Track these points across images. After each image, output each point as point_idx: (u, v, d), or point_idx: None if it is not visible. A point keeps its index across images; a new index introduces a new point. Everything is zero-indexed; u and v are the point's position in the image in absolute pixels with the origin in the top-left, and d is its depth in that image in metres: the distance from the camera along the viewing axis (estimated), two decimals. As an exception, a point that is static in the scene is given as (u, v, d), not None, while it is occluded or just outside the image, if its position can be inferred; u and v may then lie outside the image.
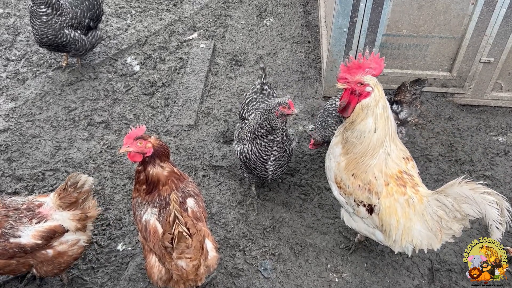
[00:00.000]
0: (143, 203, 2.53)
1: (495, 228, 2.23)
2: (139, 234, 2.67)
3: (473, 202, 2.27)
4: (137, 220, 2.59)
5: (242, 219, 3.42)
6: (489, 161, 3.79)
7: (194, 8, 5.46)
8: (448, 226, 2.44)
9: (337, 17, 3.82)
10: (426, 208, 2.47)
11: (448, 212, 2.40)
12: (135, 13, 5.36)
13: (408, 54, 4.01)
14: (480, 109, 4.24)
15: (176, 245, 2.19)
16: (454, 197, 2.34)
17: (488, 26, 3.73)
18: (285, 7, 5.51)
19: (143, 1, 5.54)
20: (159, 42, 4.98)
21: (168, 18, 5.30)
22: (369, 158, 2.53)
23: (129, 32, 5.08)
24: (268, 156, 3.05)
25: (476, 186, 2.28)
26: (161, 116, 4.20)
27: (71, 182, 2.60)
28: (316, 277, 3.07)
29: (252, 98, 3.36)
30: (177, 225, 2.12)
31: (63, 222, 2.61)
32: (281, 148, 3.04)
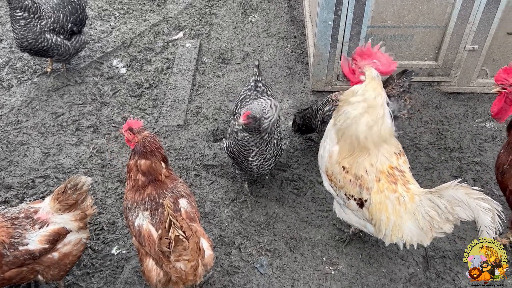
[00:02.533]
0: (133, 206, 2.53)
1: (485, 232, 2.26)
2: (133, 238, 2.67)
3: (467, 207, 2.29)
4: (129, 225, 2.60)
5: (236, 216, 3.42)
6: (478, 147, 3.83)
7: (178, 7, 5.43)
8: (440, 226, 2.46)
9: (321, 11, 3.83)
10: (417, 207, 2.48)
11: (440, 213, 2.41)
12: (119, 15, 5.31)
13: (394, 45, 4.03)
14: (467, 96, 4.28)
15: (173, 249, 2.20)
16: (448, 199, 2.36)
17: (471, 14, 3.76)
18: (269, 3, 5.51)
19: (126, 2, 5.49)
20: (144, 43, 4.94)
21: (153, 19, 5.26)
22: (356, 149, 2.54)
23: (113, 34, 5.04)
24: (247, 151, 3.06)
25: (471, 191, 2.30)
26: (149, 117, 4.18)
27: (71, 185, 2.63)
28: (312, 271, 3.09)
29: (246, 95, 3.37)
30: (173, 229, 2.13)
31: (65, 224, 2.65)
32: (260, 143, 3.04)
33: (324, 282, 3.03)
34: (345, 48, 4.02)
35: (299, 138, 3.98)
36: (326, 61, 4.14)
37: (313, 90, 4.38)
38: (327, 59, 4.13)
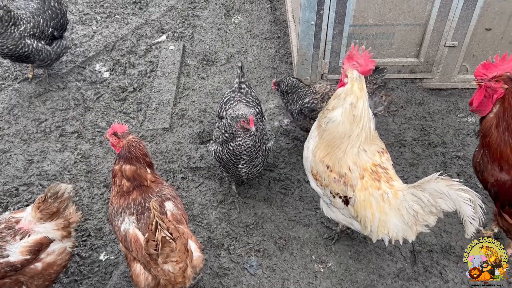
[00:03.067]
0: (119, 211, 2.51)
1: (469, 223, 2.30)
2: (120, 244, 2.64)
3: (448, 199, 2.33)
4: (115, 231, 2.57)
5: (225, 218, 3.41)
6: (461, 142, 3.89)
7: (161, 10, 5.40)
8: (424, 219, 2.49)
9: (304, 11, 3.85)
10: (401, 202, 2.51)
11: (424, 206, 2.45)
12: (100, 19, 5.26)
13: (376, 43, 4.08)
14: (449, 92, 4.35)
15: (161, 251, 2.19)
16: (430, 192, 2.40)
17: (450, 11, 3.82)
18: (252, 4, 5.52)
19: (108, 6, 5.45)
20: (127, 47, 4.91)
21: (135, 22, 5.23)
22: (336, 149, 2.59)
23: (95, 38, 4.99)
24: (238, 159, 3.07)
25: (452, 183, 2.34)
26: (134, 121, 4.15)
27: (51, 193, 2.58)
28: (302, 269, 3.10)
29: (230, 97, 3.37)
30: (160, 230, 2.12)
31: (47, 234, 2.59)
32: (251, 151, 3.07)
33: (314, 280, 3.04)
34: (328, 48, 4.05)
35: (285, 138, 4.00)
36: (309, 60, 4.16)
37: (297, 89, 4.39)
38: (310, 59, 4.15)
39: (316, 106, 3.40)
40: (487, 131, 2.61)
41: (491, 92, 2.54)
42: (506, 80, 2.48)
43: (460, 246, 3.19)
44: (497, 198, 2.74)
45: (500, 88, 2.50)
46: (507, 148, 2.55)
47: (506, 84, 2.48)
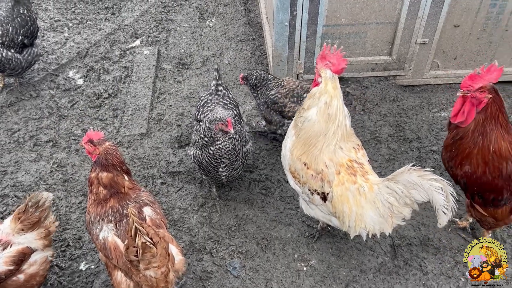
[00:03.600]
0: (97, 220, 2.48)
1: (441, 212, 2.35)
2: (99, 253, 2.61)
3: (421, 189, 2.38)
4: (94, 239, 2.54)
5: (206, 221, 3.40)
6: (435, 136, 3.99)
7: (134, 15, 5.36)
8: (399, 211, 2.54)
9: (277, 12, 3.88)
10: (377, 195, 2.56)
11: (398, 198, 2.50)
12: (72, 26, 5.19)
13: (349, 42, 4.14)
14: (422, 88, 4.45)
15: (142, 257, 2.16)
16: (403, 184, 2.45)
17: (420, 9, 3.91)
18: (226, 7, 5.53)
19: (79, 12, 5.37)
20: (100, 53, 4.84)
21: (108, 28, 5.17)
22: (312, 148, 2.62)
23: (68, 45, 4.91)
24: (218, 163, 3.07)
25: (424, 173, 2.39)
26: (111, 128, 4.10)
27: (33, 202, 2.54)
28: (285, 269, 3.12)
29: (207, 100, 3.36)
30: (140, 236, 2.10)
31: (29, 244, 2.56)
32: (232, 155, 3.07)
33: (297, 279, 3.06)
34: (302, 48, 4.09)
35: (264, 139, 4.01)
36: (285, 61, 4.20)
37: (274, 90, 4.42)
38: (286, 60, 4.19)
39: (279, 100, 3.51)
40: (465, 134, 2.71)
41: (475, 102, 2.63)
42: (491, 90, 2.59)
43: (438, 238, 3.26)
44: (467, 189, 2.83)
45: (484, 97, 2.59)
46: (475, 149, 2.68)
47: (490, 93, 2.59)
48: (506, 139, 2.62)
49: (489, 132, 2.62)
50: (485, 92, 2.59)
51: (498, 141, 2.61)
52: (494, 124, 2.61)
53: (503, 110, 2.62)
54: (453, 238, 3.26)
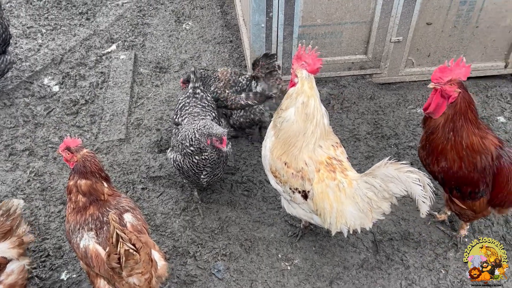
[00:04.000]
0: (77, 228, 2.44)
1: (421, 202, 2.39)
2: (80, 261, 2.57)
3: (398, 182, 2.42)
4: (75, 248, 2.50)
5: (189, 225, 3.38)
6: (412, 132, 4.06)
7: (109, 20, 5.30)
8: (378, 205, 2.58)
9: (253, 14, 3.89)
10: (356, 191, 2.59)
11: (377, 192, 2.54)
12: (45, 32, 5.10)
13: (325, 42, 4.19)
14: (397, 86, 4.53)
15: (124, 264, 2.14)
16: (381, 178, 2.48)
17: (393, 8, 3.98)
18: (202, 10, 5.52)
19: (53, 18, 5.28)
20: (76, 59, 4.77)
21: (83, 33, 5.10)
22: (292, 148, 2.65)
23: (42, 52, 4.82)
24: (200, 171, 3.06)
25: (400, 166, 2.43)
26: (88, 134, 4.04)
27: (3, 211, 2.49)
28: (269, 269, 3.13)
29: (185, 103, 3.34)
30: (122, 243, 2.08)
31: (3, 254, 2.49)
32: (214, 163, 3.07)
33: (282, 278, 3.08)
34: (279, 49, 4.11)
35: (245, 140, 4.02)
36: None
37: (253, 92, 4.43)
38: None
39: (220, 95, 3.61)
40: (435, 129, 2.78)
41: (446, 96, 2.69)
42: (460, 85, 2.65)
43: (418, 232, 3.32)
44: (445, 184, 2.89)
45: (454, 92, 2.65)
46: (447, 145, 2.74)
47: (459, 88, 2.65)
48: (477, 134, 2.69)
49: (460, 128, 2.69)
50: (455, 86, 2.64)
51: (470, 136, 2.68)
52: (464, 120, 2.68)
53: (472, 107, 2.68)
54: (432, 232, 3.33)
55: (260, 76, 3.52)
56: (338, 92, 4.38)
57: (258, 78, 3.54)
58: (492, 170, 2.73)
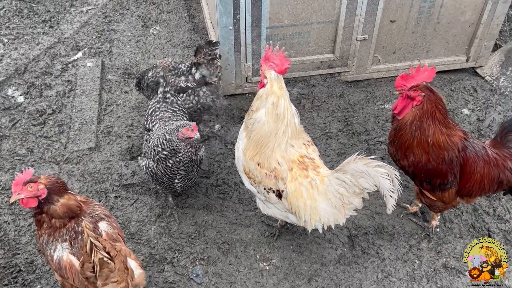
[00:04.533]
0: (50, 240, 2.38)
1: (389, 197, 2.44)
2: (55, 274, 2.50)
3: (368, 176, 2.46)
4: (48, 260, 2.42)
5: (165, 232, 3.35)
6: (381, 128, 4.15)
7: (73, 27, 5.19)
8: (350, 201, 2.62)
9: (220, 17, 3.90)
10: (328, 187, 2.63)
11: (348, 188, 2.58)
12: (7, 41, 4.95)
13: (293, 43, 4.23)
14: (365, 83, 4.62)
15: (99, 273, 2.10)
16: (351, 173, 2.53)
17: (357, 7, 4.07)
18: (169, 14, 5.48)
19: (14, 27, 5.13)
20: (41, 68, 4.65)
21: (47, 41, 4.97)
22: (264, 148, 2.67)
23: (4, 62, 4.68)
24: (174, 174, 3.04)
25: (369, 161, 2.48)
26: (57, 144, 3.94)
27: None
28: (248, 270, 3.13)
29: (155, 108, 3.30)
30: (96, 252, 2.03)
31: None
32: (189, 166, 3.05)
33: (261, 279, 3.08)
34: (249, 51, 4.13)
35: (218, 143, 4.01)
36: (233, 65, 4.22)
37: (225, 94, 4.44)
38: (233, 63, 4.21)
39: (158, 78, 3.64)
40: (403, 125, 2.86)
41: (411, 99, 2.80)
42: (423, 89, 2.76)
43: (392, 225, 3.40)
44: (415, 177, 2.97)
45: (418, 96, 2.76)
46: (413, 141, 2.83)
47: (423, 92, 2.76)
48: (444, 133, 2.78)
49: (426, 127, 2.77)
50: (418, 91, 2.75)
51: (436, 135, 2.77)
52: (431, 119, 2.77)
53: (439, 107, 2.77)
54: (405, 224, 3.41)
55: (202, 63, 3.60)
56: (308, 92, 4.43)
57: (200, 65, 3.61)
58: (459, 161, 2.82)
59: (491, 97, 4.45)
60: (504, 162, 2.82)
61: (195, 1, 5.75)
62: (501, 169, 2.81)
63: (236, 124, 4.15)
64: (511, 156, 2.82)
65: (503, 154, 2.84)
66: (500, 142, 2.90)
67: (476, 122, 4.21)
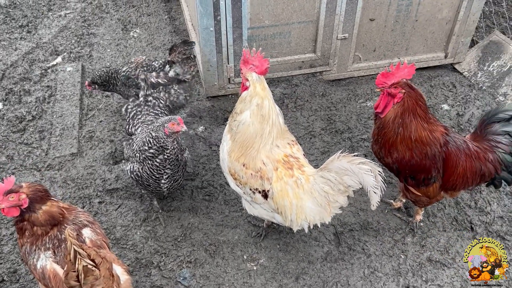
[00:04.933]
0: (33, 249, 2.33)
1: (373, 193, 2.47)
2: (39, 283, 2.46)
3: (352, 173, 2.49)
4: (32, 270, 2.38)
5: (151, 236, 3.32)
6: (363, 125, 4.20)
7: (52, 31, 5.12)
8: (335, 199, 2.64)
9: (201, 18, 3.89)
10: (313, 186, 2.64)
11: (333, 186, 2.60)
12: (-16, 47, 4.85)
13: (275, 43, 4.25)
14: (347, 81, 4.66)
15: (84, 281, 2.07)
16: (335, 171, 2.55)
17: (337, 6, 4.10)
18: (149, 17, 5.45)
19: (-10, 32, 5.04)
20: (19, 74, 4.57)
21: (25, 47, 4.90)
22: (250, 149, 2.67)
23: (-19, 68, 4.59)
24: (161, 174, 3.01)
25: (353, 158, 2.50)
26: (38, 151, 3.88)
27: None
28: (235, 271, 3.13)
29: (136, 111, 3.27)
30: (80, 259, 2.00)
31: None
32: (175, 165, 3.03)
33: (248, 279, 3.08)
34: (230, 52, 4.13)
35: (202, 145, 4.00)
36: (215, 66, 4.22)
37: (207, 96, 4.43)
38: (215, 65, 4.21)
39: (130, 73, 3.70)
40: (386, 123, 2.90)
41: (392, 96, 2.85)
42: (403, 86, 2.80)
43: (376, 221, 3.43)
44: (400, 173, 3.01)
45: (399, 93, 2.81)
46: (397, 138, 2.87)
47: (403, 89, 2.80)
48: (426, 128, 2.82)
49: (409, 123, 2.81)
50: (399, 88, 2.79)
51: (418, 131, 2.81)
52: (413, 116, 2.81)
53: (420, 103, 2.81)
54: (390, 219, 3.45)
55: (177, 61, 3.65)
56: (291, 91, 4.45)
57: (174, 63, 3.66)
58: (441, 156, 2.87)
59: (470, 92, 4.54)
60: (485, 154, 2.88)
61: (176, 3, 5.73)
62: (483, 162, 2.87)
63: (220, 126, 4.15)
64: (491, 148, 2.88)
65: (483, 147, 2.90)
66: (480, 135, 2.96)
67: (456, 117, 4.29)
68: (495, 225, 3.39)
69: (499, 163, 2.87)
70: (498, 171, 2.89)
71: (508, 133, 2.86)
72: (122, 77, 3.71)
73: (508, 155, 2.85)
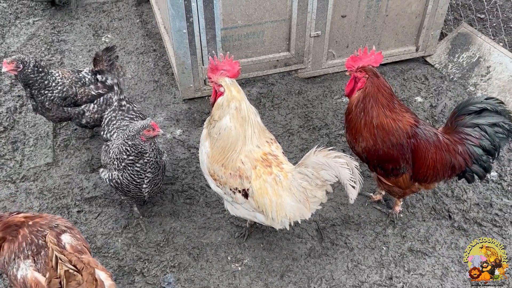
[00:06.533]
0: (12, 258, 2.28)
1: (350, 187, 2.49)
2: (20, 295, 2.40)
3: (328, 167, 2.51)
4: (12, 281, 2.33)
5: (132, 242, 3.28)
6: (340, 121, 4.24)
7: (20, 40, 5.00)
8: (313, 194, 2.66)
9: (173, 21, 3.86)
10: (291, 182, 2.66)
11: (310, 181, 2.62)
12: (-51, 58, 4.69)
13: (249, 43, 4.25)
14: (322, 78, 4.70)
15: (66, 286, 2.03)
16: (312, 166, 2.57)
17: (309, 4, 4.13)
18: (120, 21, 5.37)
19: (-45, 43, 4.88)
20: (-12, 84, 4.45)
21: (-8, 56, 4.76)
22: (231, 153, 2.68)
23: None
24: (142, 179, 2.98)
25: (328, 152, 2.53)
26: (12, 162, 3.78)
27: None
28: (220, 273, 3.12)
29: (111, 117, 3.22)
30: (61, 265, 1.97)
31: None
32: (155, 168, 3.00)
33: (234, 280, 3.08)
34: (204, 53, 4.11)
35: (181, 148, 3.97)
36: (189, 68, 4.19)
37: (184, 98, 4.40)
38: (190, 67, 4.18)
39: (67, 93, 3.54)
40: (350, 109, 3.00)
41: (357, 80, 2.94)
42: (368, 71, 2.89)
43: (357, 215, 3.48)
44: (369, 162, 3.07)
45: (363, 77, 2.89)
46: (360, 124, 2.94)
47: (367, 74, 2.88)
48: (388, 116, 2.87)
49: (370, 109, 2.88)
50: (363, 73, 2.89)
51: (380, 117, 2.87)
52: (374, 102, 2.87)
53: (382, 91, 2.87)
54: (370, 212, 3.50)
55: (105, 69, 3.67)
56: (267, 90, 4.47)
57: (103, 71, 3.67)
58: (409, 147, 2.92)
59: (442, 84, 4.65)
60: (455, 146, 2.91)
61: (147, 7, 5.67)
62: (452, 154, 2.91)
63: (198, 128, 4.13)
64: (461, 141, 2.91)
65: (453, 139, 2.93)
66: (451, 128, 3.00)
67: (429, 109, 4.38)
68: (472, 212, 3.48)
69: (468, 155, 2.89)
70: (469, 163, 2.92)
71: (478, 126, 2.88)
72: (57, 99, 3.49)
73: (478, 147, 2.88)
